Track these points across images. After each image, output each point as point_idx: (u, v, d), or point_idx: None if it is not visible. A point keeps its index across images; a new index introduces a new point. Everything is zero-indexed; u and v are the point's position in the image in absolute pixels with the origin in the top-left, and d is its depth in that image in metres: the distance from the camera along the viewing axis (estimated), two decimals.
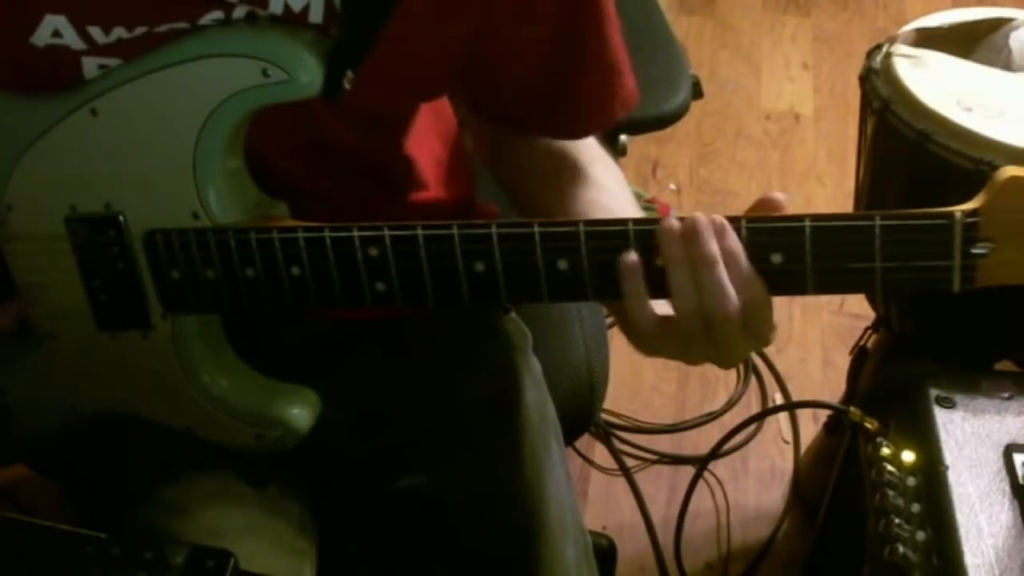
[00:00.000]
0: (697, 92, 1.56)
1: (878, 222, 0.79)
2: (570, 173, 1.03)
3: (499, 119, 1.06)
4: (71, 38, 0.88)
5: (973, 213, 0.78)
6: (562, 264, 0.84)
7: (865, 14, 3.04)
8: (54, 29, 0.88)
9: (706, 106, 2.67)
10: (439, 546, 1.01)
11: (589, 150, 1.05)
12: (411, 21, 0.89)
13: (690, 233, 0.80)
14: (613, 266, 0.83)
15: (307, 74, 0.85)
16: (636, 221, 0.82)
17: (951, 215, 0.78)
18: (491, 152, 1.11)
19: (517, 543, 1.01)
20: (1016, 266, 0.79)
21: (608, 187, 1.02)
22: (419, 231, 0.86)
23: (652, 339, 0.85)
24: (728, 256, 0.80)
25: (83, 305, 0.95)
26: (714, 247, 0.80)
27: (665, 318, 0.84)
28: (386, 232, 0.86)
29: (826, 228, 0.80)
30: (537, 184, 1.05)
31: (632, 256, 0.82)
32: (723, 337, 0.82)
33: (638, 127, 1.54)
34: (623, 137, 1.51)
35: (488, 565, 0.99)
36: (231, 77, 0.86)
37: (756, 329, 0.83)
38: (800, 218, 0.80)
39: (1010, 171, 0.78)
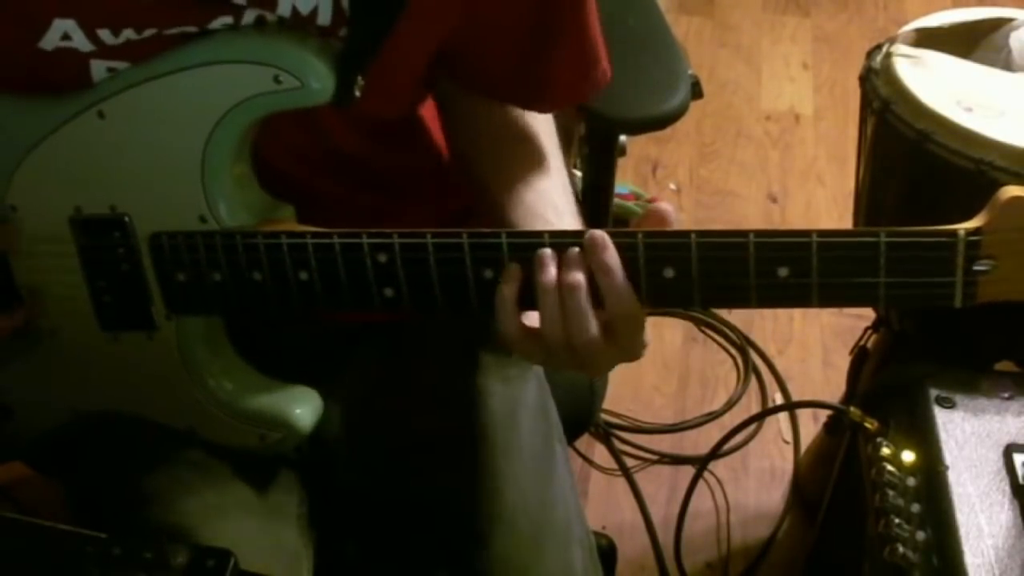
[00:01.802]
0: (697, 92, 1.56)
1: (883, 239, 0.80)
2: (529, 157, 1.04)
3: (470, 82, 1.06)
4: (80, 41, 0.88)
5: (975, 231, 0.79)
6: None
7: (865, 14, 3.04)
8: (63, 32, 0.88)
9: (706, 106, 2.67)
10: (441, 549, 1.01)
11: (549, 140, 1.06)
12: (417, 23, 0.90)
13: (561, 260, 0.83)
14: None
15: (319, 81, 0.86)
16: (646, 233, 0.83)
17: (954, 233, 0.79)
18: (450, 120, 1.10)
19: (523, 546, 1.01)
20: (1016, 283, 0.80)
21: (558, 183, 1.03)
22: (429, 238, 0.86)
23: (521, 348, 0.87)
24: (604, 270, 0.82)
25: (86, 306, 0.95)
26: (578, 275, 0.82)
27: (532, 331, 0.86)
28: (396, 239, 0.86)
29: (832, 244, 0.81)
30: (491, 159, 1.05)
31: (515, 266, 0.85)
32: (587, 356, 0.85)
33: (638, 127, 1.54)
34: (623, 137, 1.50)
35: (493, 570, 0.99)
36: (242, 83, 0.86)
37: (625, 343, 0.85)
38: (807, 233, 0.81)
39: (1012, 191, 0.79)
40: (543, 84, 1.03)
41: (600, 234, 0.83)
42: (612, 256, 0.82)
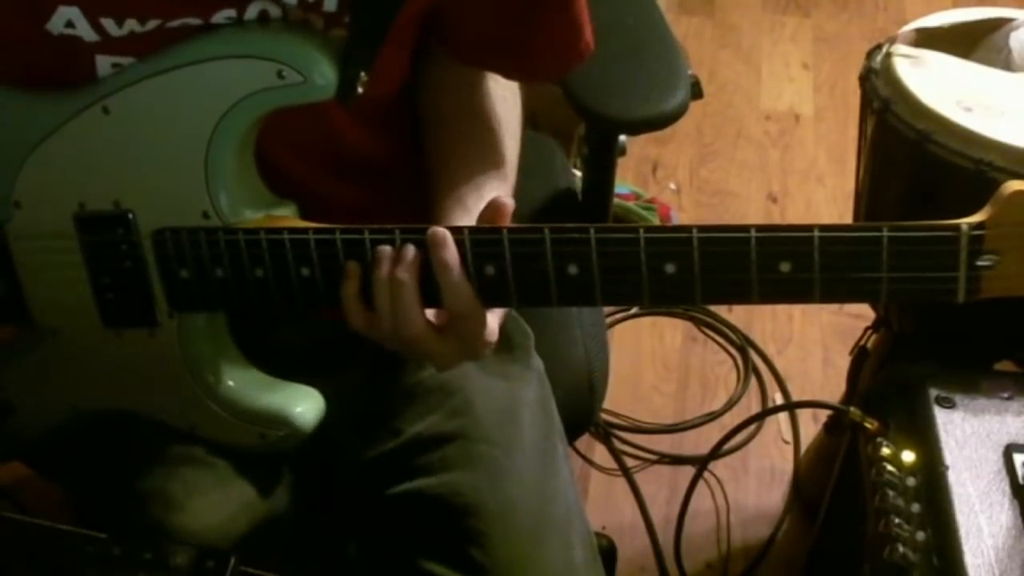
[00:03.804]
0: (697, 92, 1.56)
1: (885, 233, 0.79)
2: (484, 148, 1.04)
3: (453, 48, 1.05)
4: (84, 30, 0.88)
5: (979, 226, 0.79)
6: (572, 269, 0.85)
7: (865, 14, 3.04)
8: (67, 20, 0.88)
9: (706, 106, 2.67)
10: (443, 548, 1.01)
11: (512, 139, 1.07)
12: (417, 16, 0.90)
13: (395, 256, 0.86)
14: (623, 271, 0.84)
15: (322, 76, 0.86)
16: (647, 228, 0.83)
17: (957, 227, 0.79)
18: (420, 80, 1.09)
19: (524, 543, 1.01)
20: (1019, 279, 0.80)
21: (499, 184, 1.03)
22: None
23: (370, 338, 0.90)
24: (441, 267, 0.85)
25: (88, 302, 0.95)
26: (404, 273, 0.85)
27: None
28: (397, 235, 0.87)
29: (834, 239, 0.80)
30: (447, 134, 1.05)
31: (353, 263, 0.87)
32: (421, 351, 0.89)
33: (638, 127, 1.54)
34: (623, 137, 1.51)
35: (494, 567, 0.99)
36: (246, 78, 0.86)
37: (464, 341, 0.89)
38: (808, 228, 0.81)
39: (1015, 185, 0.79)
40: (528, 51, 1.03)
41: (441, 231, 0.85)
42: (450, 254, 0.85)
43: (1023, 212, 0.78)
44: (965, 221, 0.79)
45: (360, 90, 0.87)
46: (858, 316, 2.00)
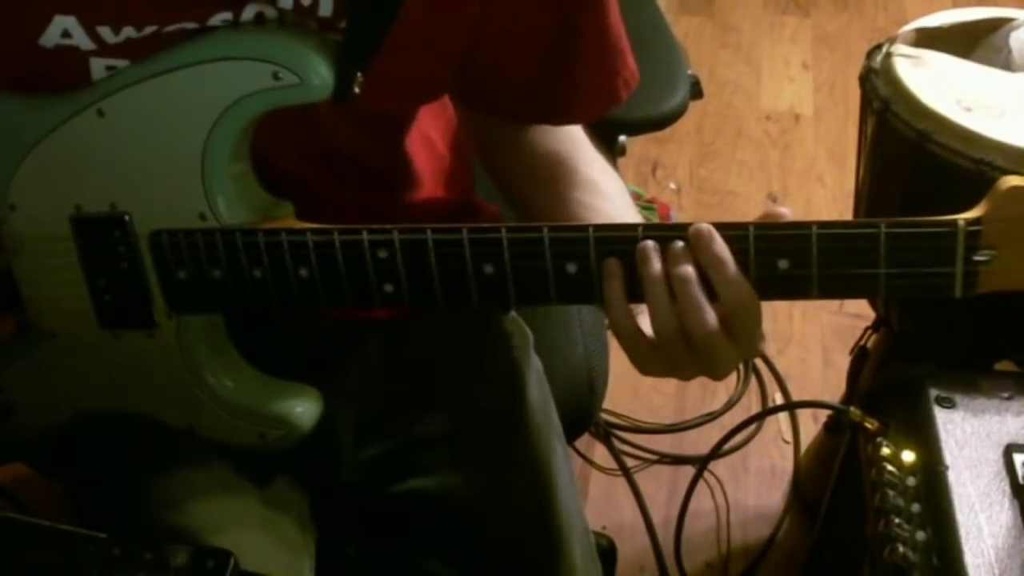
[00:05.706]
0: (697, 92, 1.56)
1: (883, 230, 0.79)
2: (566, 175, 1.03)
3: (503, 112, 1.06)
4: (80, 39, 0.88)
5: (976, 221, 0.79)
6: (571, 267, 0.85)
7: (865, 14, 3.05)
8: (63, 30, 0.87)
9: (706, 106, 2.67)
10: (444, 549, 1.01)
11: (586, 152, 1.06)
12: (417, 21, 0.90)
13: (666, 253, 0.82)
14: None
15: (318, 77, 0.85)
16: (646, 227, 0.83)
17: (954, 223, 0.79)
18: (486, 153, 1.11)
19: (524, 544, 1.01)
20: (1017, 273, 0.80)
21: (604, 190, 1.02)
22: (429, 234, 0.86)
23: (638, 351, 0.85)
24: (715, 263, 0.81)
25: (86, 304, 0.95)
26: (688, 267, 0.81)
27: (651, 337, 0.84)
28: (396, 235, 0.86)
29: (832, 235, 0.80)
30: (532, 185, 1.05)
31: (613, 261, 0.83)
32: (708, 352, 0.83)
33: (638, 127, 1.54)
34: (623, 137, 1.51)
35: (495, 567, 0.99)
36: (242, 80, 0.86)
37: (744, 337, 0.84)
38: (806, 225, 0.81)
39: (1012, 180, 0.79)
40: (571, 93, 1.02)
41: (706, 227, 0.81)
42: (722, 248, 0.81)
43: (1020, 207, 0.78)
44: (962, 217, 0.79)
45: (356, 91, 0.87)
46: (858, 316, 2.00)
